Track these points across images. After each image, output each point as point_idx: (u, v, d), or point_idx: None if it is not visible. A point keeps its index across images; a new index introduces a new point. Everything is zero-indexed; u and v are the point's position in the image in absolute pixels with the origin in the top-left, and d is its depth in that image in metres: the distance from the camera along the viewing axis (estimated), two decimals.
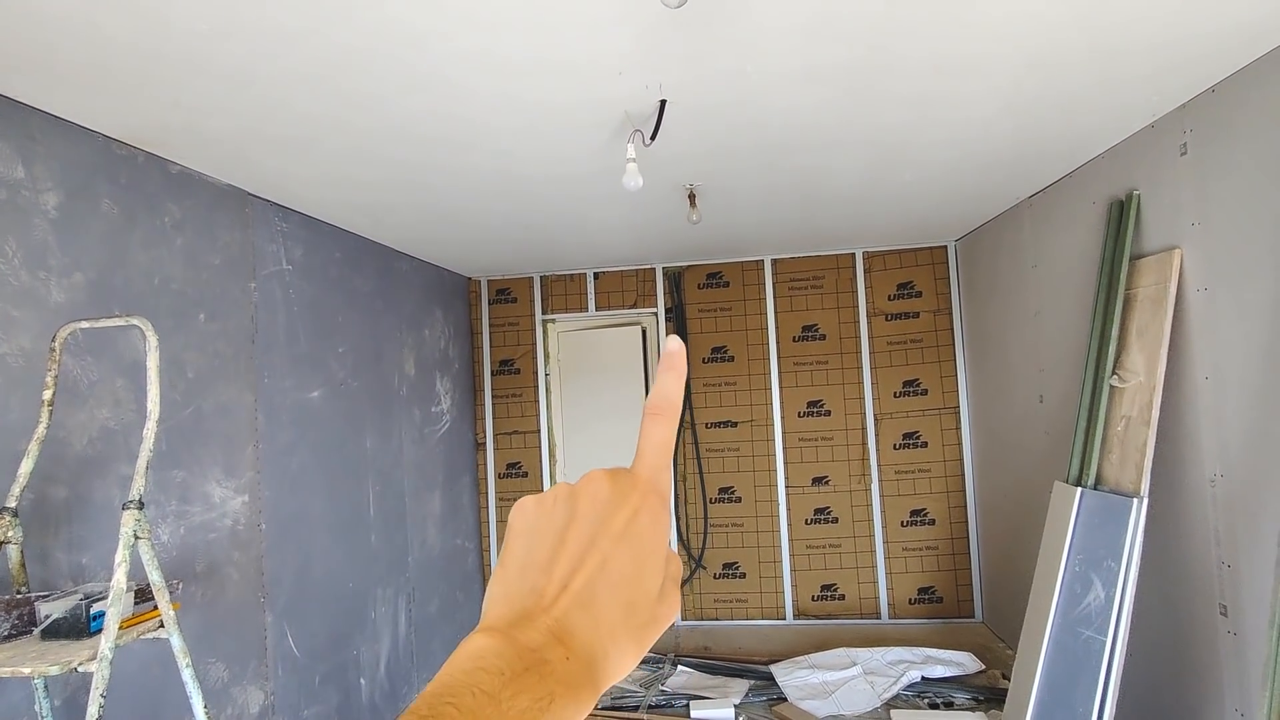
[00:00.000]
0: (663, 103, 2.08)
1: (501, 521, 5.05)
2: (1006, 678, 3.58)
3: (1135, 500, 2.46)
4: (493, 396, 5.10)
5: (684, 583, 4.86)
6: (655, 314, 4.99)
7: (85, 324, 1.75)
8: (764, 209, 3.55)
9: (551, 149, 2.50)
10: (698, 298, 4.92)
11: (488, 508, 5.05)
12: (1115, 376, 2.68)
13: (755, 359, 4.84)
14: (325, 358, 3.28)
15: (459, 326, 4.92)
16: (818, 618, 4.72)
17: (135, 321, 1.68)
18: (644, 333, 5.04)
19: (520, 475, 5.05)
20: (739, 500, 4.82)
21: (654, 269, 4.96)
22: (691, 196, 3.07)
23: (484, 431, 5.08)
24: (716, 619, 4.83)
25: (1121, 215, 2.76)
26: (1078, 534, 2.68)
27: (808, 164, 2.84)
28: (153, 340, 1.67)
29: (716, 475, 4.85)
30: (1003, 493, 4.16)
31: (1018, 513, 3.93)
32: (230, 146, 2.32)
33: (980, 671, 3.67)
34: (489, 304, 5.13)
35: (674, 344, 0.48)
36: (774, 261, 4.84)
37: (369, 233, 3.61)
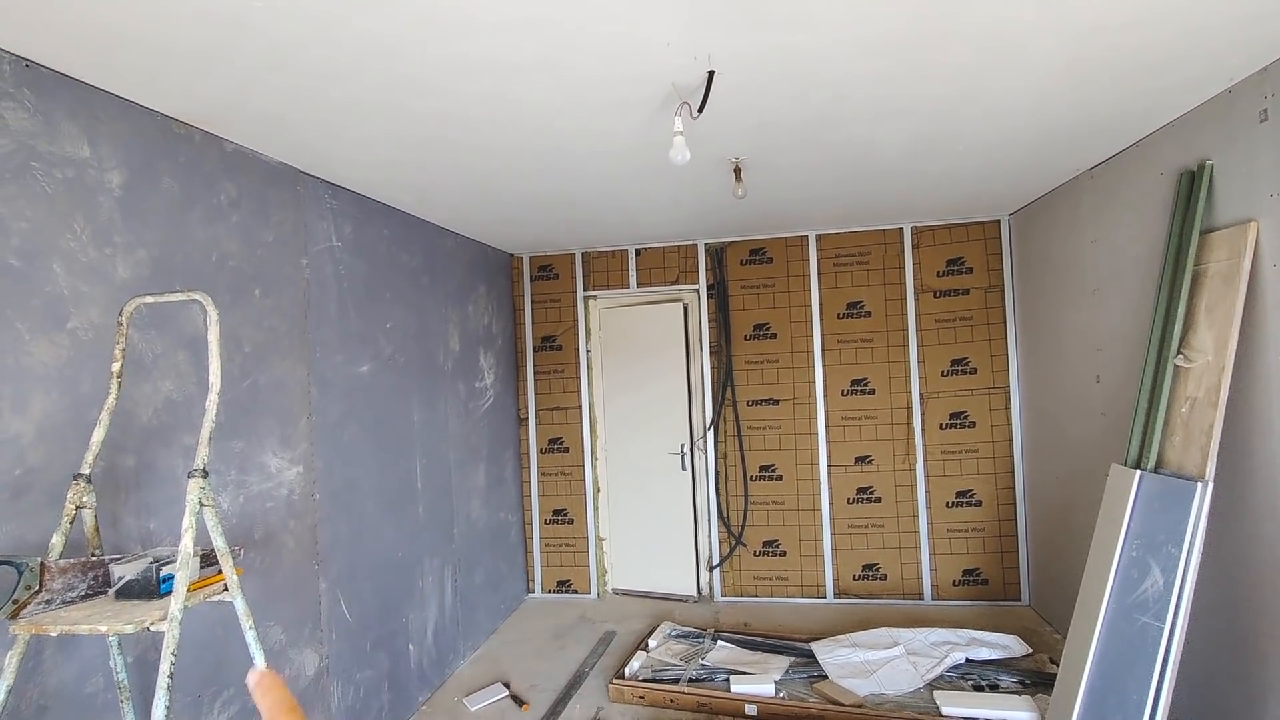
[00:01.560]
0: (711, 74, 2.04)
1: (545, 496, 5.12)
2: (1054, 662, 3.52)
3: (1200, 484, 2.37)
4: (535, 372, 5.15)
5: (724, 559, 4.88)
6: (697, 290, 4.95)
7: (150, 299, 1.81)
8: (810, 183, 3.47)
9: (595, 124, 2.48)
10: (740, 274, 4.86)
11: (530, 482, 5.12)
12: (1181, 356, 2.57)
13: (798, 336, 4.78)
14: (374, 333, 3.34)
15: (502, 303, 4.96)
16: (859, 597, 4.69)
17: (196, 296, 1.73)
18: (685, 309, 5.02)
19: (562, 450, 5.11)
20: (780, 478, 4.80)
21: (696, 245, 4.92)
22: (737, 170, 3.02)
23: (526, 407, 5.14)
24: (756, 595, 4.84)
25: (1192, 187, 2.63)
26: (1135, 518, 2.60)
27: (857, 136, 2.76)
28: (213, 314, 1.72)
29: (758, 453, 4.83)
30: (1053, 475, 4.05)
31: (1069, 496, 3.83)
32: (278, 125, 2.36)
33: (1027, 655, 3.61)
34: (531, 280, 5.16)
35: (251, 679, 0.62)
36: (819, 237, 4.75)
37: (415, 210, 3.65)
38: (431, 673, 3.68)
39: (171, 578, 1.61)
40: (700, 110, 2.13)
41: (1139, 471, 2.64)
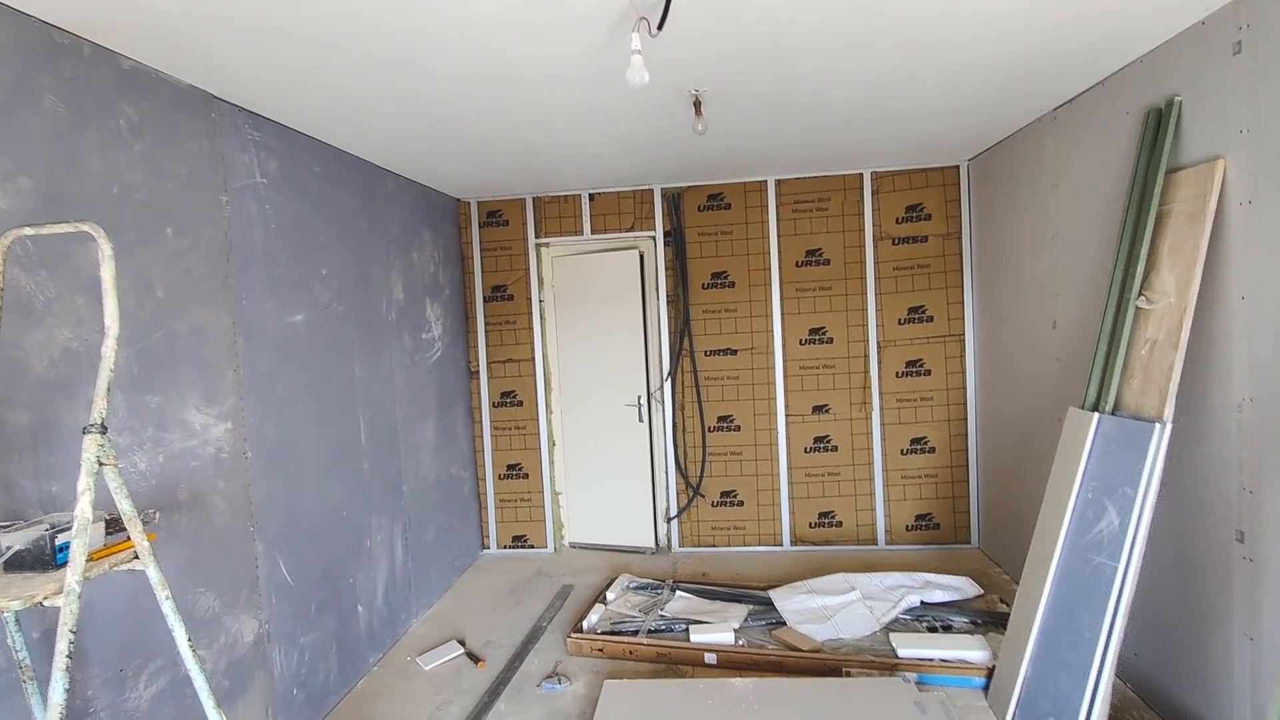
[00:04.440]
0: None
1: (498, 450, 4.98)
2: (1004, 602, 3.59)
3: (1158, 426, 2.37)
4: (485, 323, 4.94)
5: (682, 511, 4.85)
6: (653, 237, 4.78)
7: (30, 230, 1.58)
8: (770, 121, 3.31)
9: (546, 45, 2.27)
10: (698, 220, 4.71)
11: (483, 436, 4.97)
12: (1143, 298, 2.54)
13: (756, 285, 4.68)
14: (308, 280, 3.10)
15: (449, 250, 4.71)
16: (815, 544, 4.73)
17: (85, 227, 1.50)
18: (641, 257, 4.85)
19: (515, 404, 4.95)
20: (738, 429, 4.75)
21: (652, 190, 4.73)
22: (697, 104, 2.84)
23: (477, 359, 4.95)
24: (715, 545, 4.84)
25: (1160, 125, 2.57)
26: (1092, 460, 2.61)
27: (823, 65, 2.60)
28: (106, 248, 1.50)
29: (716, 404, 4.76)
30: (1006, 420, 4.09)
31: (1021, 440, 3.87)
32: (186, 37, 2.08)
33: (978, 596, 3.68)
34: (480, 227, 4.91)
35: None
36: (778, 182, 4.61)
37: (351, 146, 3.37)
38: (383, 633, 3.56)
39: (68, 546, 1.43)
40: (660, 26, 1.94)
41: (1097, 414, 2.63)
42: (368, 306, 3.61)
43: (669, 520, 4.88)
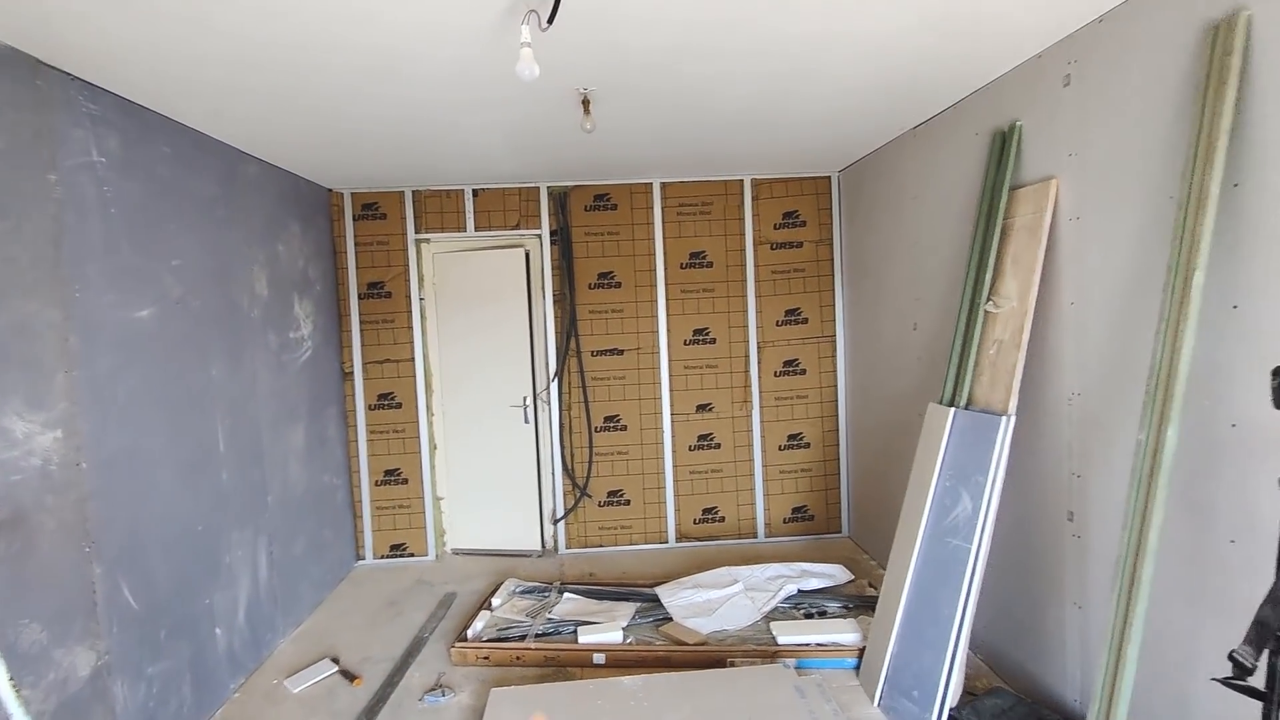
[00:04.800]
0: None
1: (375, 455, 4.74)
2: (873, 586, 3.84)
3: (1004, 418, 2.62)
4: (360, 322, 4.69)
5: (569, 512, 4.82)
6: (540, 236, 4.73)
7: None
8: (657, 124, 3.37)
9: (429, 27, 2.18)
10: (585, 220, 4.70)
11: (358, 441, 4.71)
12: (991, 302, 2.80)
13: (643, 285, 4.73)
14: (157, 271, 2.81)
15: (320, 244, 4.43)
16: (700, 539, 4.85)
17: None
18: (527, 255, 4.78)
19: (394, 406, 4.73)
20: (624, 428, 4.79)
21: (539, 188, 4.67)
22: (586, 102, 2.84)
23: (351, 360, 4.68)
24: (602, 545, 4.85)
25: (1004, 146, 2.84)
26: (949, 451, 2.84)
27: (707, 72, 2.67)
28: None
29: (603, 404, 4.77)
30: (874, 416, 4.38)
31: (887, 434, 4.16)
32: None
33: (850, 581, 3.91)
34: (354, 220, 4.65)
35: None
36: (664, 185, 4.70)
37: (208, 127, 3.08)
38: (245, 656, 3.29)
39: None
40: (550, 20, 1.92)
41: (953, 409, 2.87)
42: (227, 302, 3.32)
43: (555, 522, 4.84)
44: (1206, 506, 1.95)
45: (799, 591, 3.76)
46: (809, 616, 3.52)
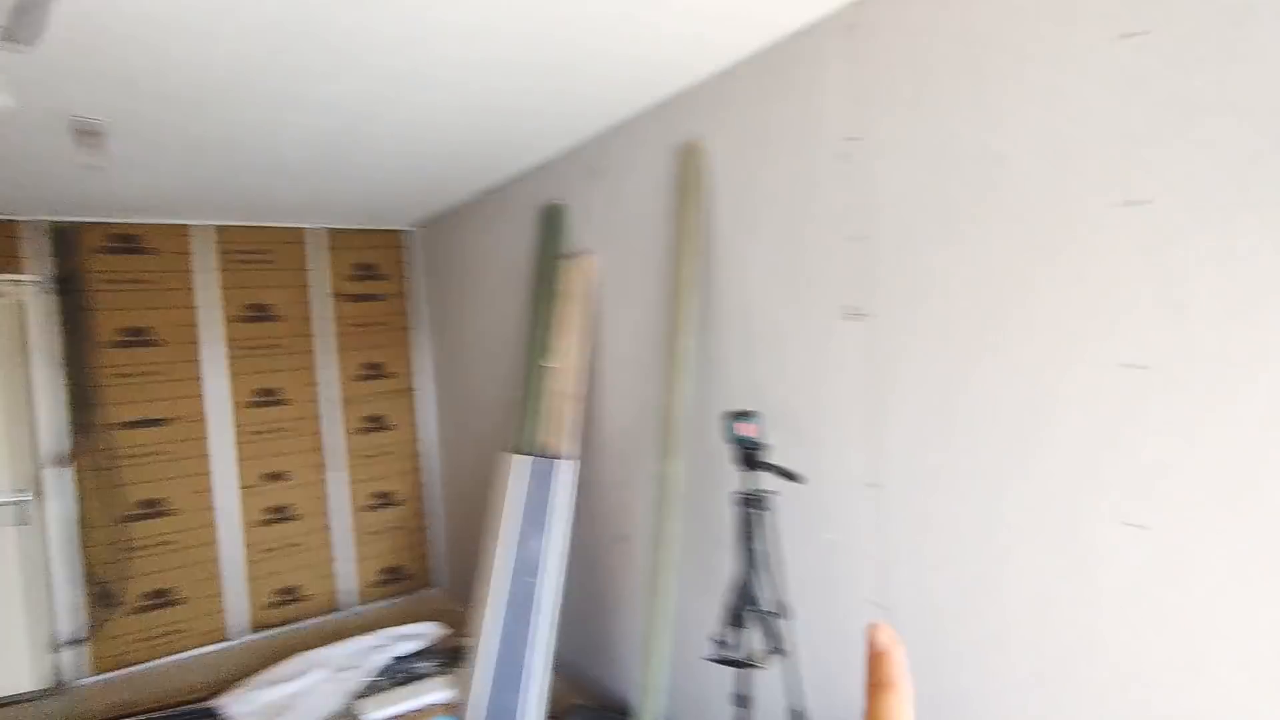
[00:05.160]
0: None
1: None
2: (467, 637, 3.89)
3: (564, 462, 2.95)
4: None
5: (93, 630, 3.80)
6: (37, 283, 3.70)
7: None
8: (197, 167, 2.97)
9: None
10: (106, 265, 3.85)
11: None
12: (550, 359, 3.14)
13: (188, 342, 4.06)
14: None
15: None
16: (278, 625, 4.30)
17: None
18: (21, 308, 3.69)
19: None
20: (171, 513, 4.00)
21: (32, 222, 3.68)
22: (86, 133, 2.35)
23: None
24: (145, 661, 3.93)
25: (554, 221, 3.25)
26: (522, 495, 3.07)
27: (252, 119, 2.47)
28: None
29: (140, 485, 3.92)
30: (463, 466, 4.49)
31: (477, 484, 4.30)
32: None
33: (445, 636, 3.90)
34: None
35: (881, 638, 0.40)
36: (218, 229, 4.13)
37: None
38: None
39: None
40: (30, 40, 1.55)
41: (523, 456, 3.13)
42: None
43: (65, 647, 3.76)
44: (709, 518, 2.49)
45: (395, 659, 3.61)
46: (403, 684, 3.40)
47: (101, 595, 3.83)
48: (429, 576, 4.84)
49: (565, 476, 2.94)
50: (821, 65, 2.00)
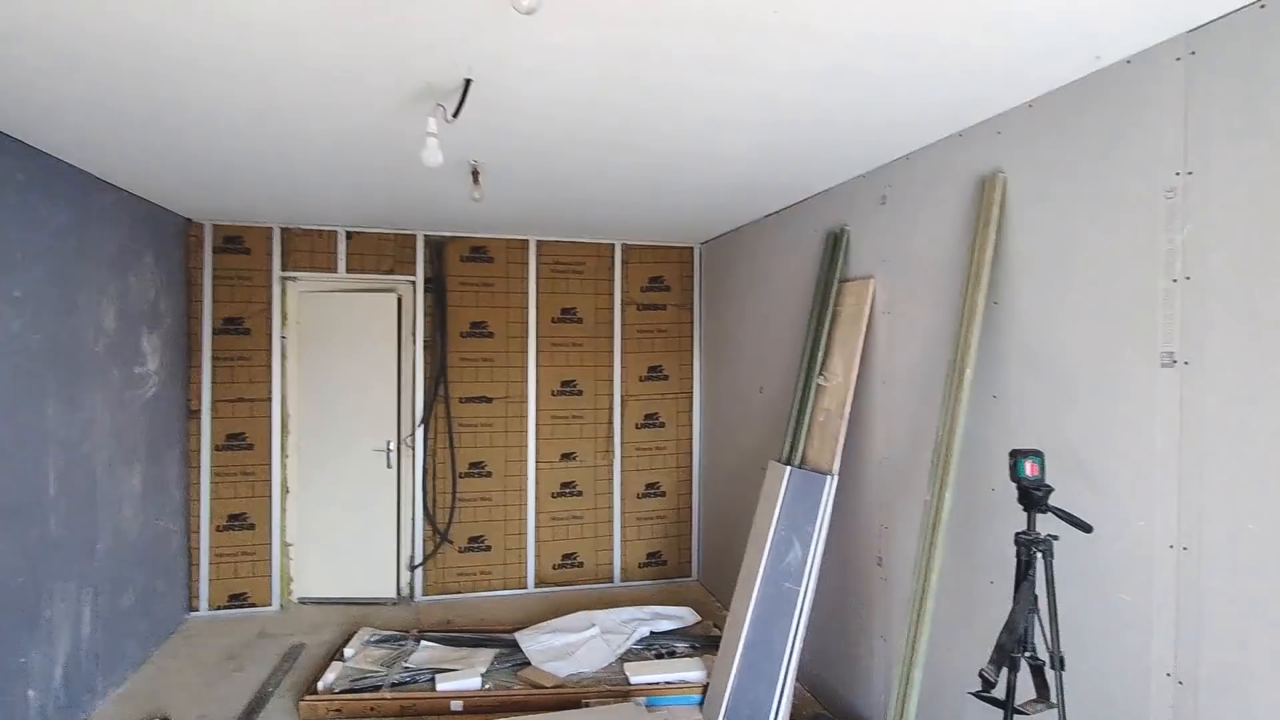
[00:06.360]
0: (468, 82, 2.06)
1: (219, 499, 4.49)
2: (718, 627, 4.17)
3: (829, 477, 3.06)
4: (213, 358, 4.48)
5: (428, 558, 4.80)
6: (413, 282, 4.79)
7: None
8: (538, 196, 3.63)
9: (336, 111, 2.31)
10: (460, 270, 4.83)
11: (200, 484, 4.45)
12: (822, 376, 3.27)
13: (514, 336, 4.91)
14: None
15: (173, 276, 4.23)
16: (559, 584, 5.00)
17: None
18: (399, 301, 4.82)
19: (244, 447, 4.53)
20: (489, 475, 4.88)
21: (415, 235, 4.76)
22: (475, 173, 3.04)
23: (199, 398, 4.45)
24: (460, 592, 4.86)
25: (835, 244, 3.36)
26: (785, 504, 3.24)
27: (587, 158, 2.98)
28: None
29: (469, 450, 4.85)
30: (723, 469, 4.79)
31: (735, 486, 4.57)
32: None
33: (698, 623, 4.23)
34: (214, 252, 4.48)
35: None
36: (539, 243, 4.94)
37: (65, 153, 2.95)
38: None
39: None
40: (456, 115, 2.13)
41: (788, 467, 3.29)
42: (70, 337, 3.13)
43: (413, 568, 4.80)
44: (974, 553, 2.44)
45: (651, 633, 4.02)
46: (659, 657, 3.78)
47: (437, 532, 4.81)
48: (686, 566, 5.24)
49: (828, 491, 3.05)
50: (1147, 96, 1.87)
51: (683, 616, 4.21)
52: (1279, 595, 1.57)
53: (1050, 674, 1.80)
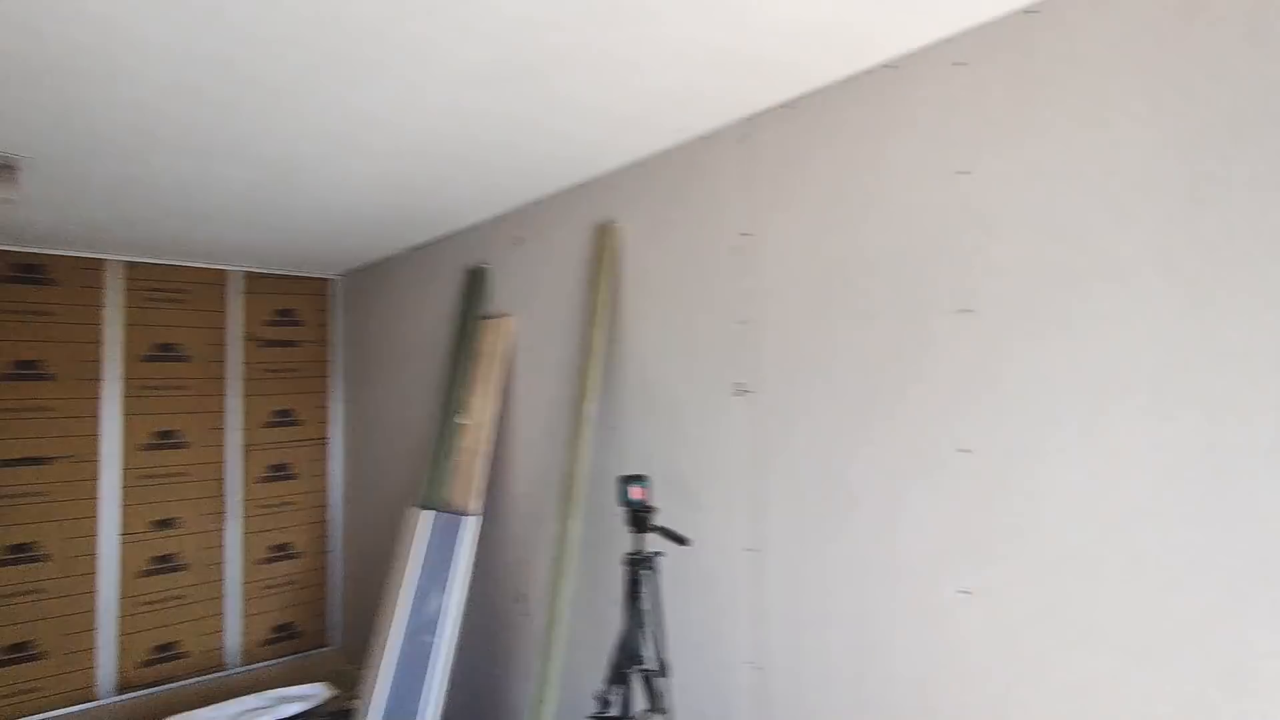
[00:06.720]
0: None
1: None
2: (358, 698, 3.76)
3: (468, 518, 2.98)
4: None
5: None
6: None
7: None
8: (118, 206, 2.97)
9: None
10: (0, 294, 3.71)
11: None
12: (463, 415, 3.21)
13: (85, 379, 3.91)
14: None
15: None
16: (153, 685, 4.02)
17: None
18: None
19: None
20: (43, 559, 3.75)
21: None
22: (6, 168, 2.35)
23: None
24: None
25: (477, 282, 3.36)
26: (425, 552, 3.07)
27: (187, 166, 2.53)
28: None
29: (11, 529, 3.68)
30: (367, 521, 4.41)
31: (382, 539, 4.23)
32: None
33: (332, 698, 3.76)
34: None
35: None
36: (128, 265, 4.05)
37: None
38: None
39: None
40: None
41: (431, 511, 3.14)
42: None
43: None
44: (603, 578, 2.57)
45: None
46: None
47: None
48: (324, 635, 4.66)
49: (469, 533, 2.97)
50: (720, 168, 2.24)
51: (313, 694, 3.71)
52: (817, 584, 1.92)
53: (661, 683, 1.94)
